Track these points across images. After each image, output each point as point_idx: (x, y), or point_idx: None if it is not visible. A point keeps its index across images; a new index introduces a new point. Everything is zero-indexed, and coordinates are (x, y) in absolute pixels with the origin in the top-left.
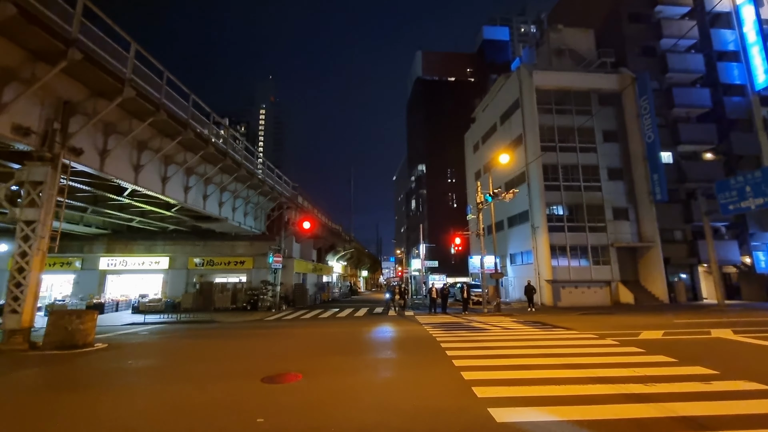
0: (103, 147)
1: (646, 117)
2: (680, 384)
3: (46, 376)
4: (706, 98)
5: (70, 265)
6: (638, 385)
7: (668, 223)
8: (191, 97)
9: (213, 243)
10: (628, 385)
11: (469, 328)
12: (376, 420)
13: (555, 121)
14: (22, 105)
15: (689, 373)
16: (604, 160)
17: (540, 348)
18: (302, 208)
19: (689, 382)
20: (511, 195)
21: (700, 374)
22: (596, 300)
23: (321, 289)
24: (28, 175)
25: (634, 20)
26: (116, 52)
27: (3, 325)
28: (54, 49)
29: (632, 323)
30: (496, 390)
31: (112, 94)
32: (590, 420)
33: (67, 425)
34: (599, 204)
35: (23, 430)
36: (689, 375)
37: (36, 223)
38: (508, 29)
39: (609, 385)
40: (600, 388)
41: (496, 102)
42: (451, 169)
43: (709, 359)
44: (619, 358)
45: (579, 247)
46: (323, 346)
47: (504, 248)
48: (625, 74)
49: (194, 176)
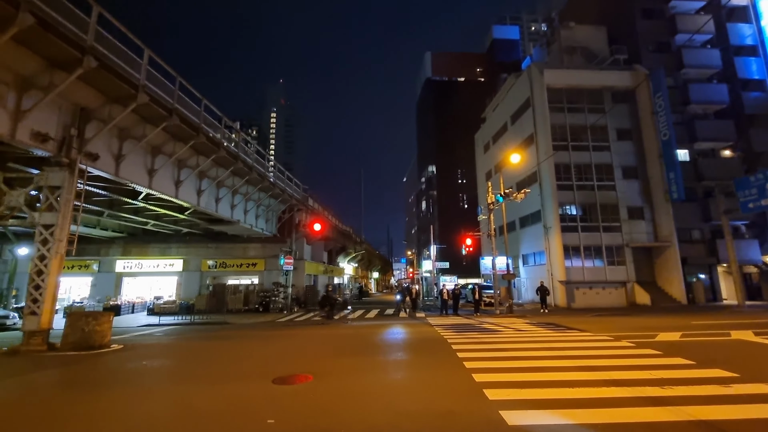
0: (118, 152)
1: (661, 114)
2: (698, 387)
3: (65, 376)
4: (724, 94)
5: (88, 267)
6: (654, 388)
7: (685, 222)
8: (203, 102)
9: (225, 245)
10: (644, 388)
11: (481, 329)
12: (386, 422)
13: (567, 119)
14: (40, 112)
15: (708, 375)
16: (618, 158)
17: (553, 350)
18: (313, 210)
19: (708, 385)
20: (522, 195)
21: (719, 377)
22: (611, 301)
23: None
24: (47, 180)
25: (648, 16)
26: (129, 58)
27: (23, 327)
28: (70, 57)
29: (648, 325)
30: (508, 392)
31: (127, 100)
32: (605, 423)
33: (85, 424)
34: (613, 203)
35: (44, 428)
36: (708, 378)
37: (54, 226)
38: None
39: (624, 388)
40: (615, 391)
41: (507, 101)
42: (462, 169)
43: (728, 362)
44: (634, 361)
45: (593, 247)
46: (334, 348)
47: (516, 249)
48: (639, 71)
49: (207, 179)
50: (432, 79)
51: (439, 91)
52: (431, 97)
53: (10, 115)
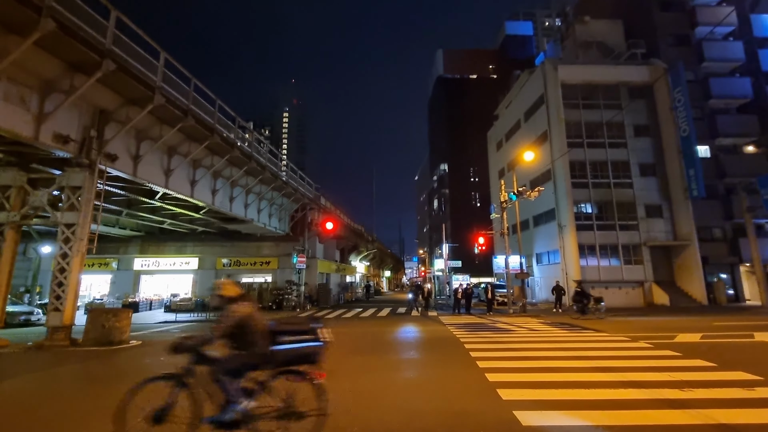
0: (135, 152)
1: (680, 109)
2: (719, 390)
3: (88, 371)
4: (747, 87)
5: (107, 265)
6: (674, 390)
7: (706, 220)
8: (217, 103)
9: (239, 244)
10: (663, 390)
11: (494, 329)
12: (398, 420)
13: (582, 116)
14: (61, 114)
15: (730, 378)
16: (635, 155)
17: (568, 350)
18: (325, 208)
19: (729, 388)
20: (536, 193)
21: (741, 380)
22: (628, 301)
23: (344, 289)
24: (68, 181)
25: (666, 8)
26: (146, 60)
27: (47, 323)
28: (90, 61)
29: (667, 325)
30: (522, 393)
31: (144, 102)
32: (621, 426)
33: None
34: (630, 201)
35: (71, 420)
36: (729, 380)
37: (75, 225)
38: (532, 24)
39: (642, 390)
40: (632, 392)
41: (520, 98)
42: (474, 167)
43: (751, 364)
44: (652, 362)
45: (609, 246)
46: (346, 346)
47: (529, 248)
48: (657, 65)
49: (221, 179)
50: (444, 76)
51: (451, 89)
52: (443, 94)
53: (33, 117)
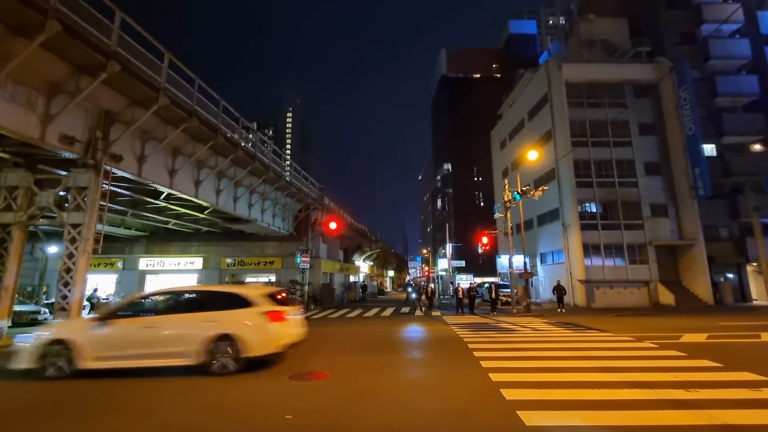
0: (140, 153)
1: (686, 108)
2: (726, 390)
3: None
4: (754, 85)
5: (113, 265)
6: (679, 391)
7: (712, 219)
8: (221, 103)
9: (243, 244)
10: (668, 391)
11: (497, 328)
12: (401, 420)
13: (586, 115)
14: (67, 116)
15: (736, 379)
16: (640, 154)
17: (572, 350)
18: (328, 208)
19: (736, 388)
20: (540, 193)
21: (747, 380)
22: (633, 301)
23: (348, 289)
24: (74, 181)
25: (672, 6)
26: (150, 61)
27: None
28: (95, 62)
29: (672, 325)
30: (526, 392)
31: (148, 103)
32: (626, 426)
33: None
34: (635, 200)
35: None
36: (736, 381)
37: (81, 226)
38: (536, 22)
39: (647, 390)
40: (637, 393)
41: (524, 97)
42: (478, 167)
43: (758, 365)
44: (658, 362)
45: (614, 245)
46: (350, 345)
47: (534, 247)
48: (663, 63)
49: (225, 179)
50: (447, 76)
51: (455, 88)
52: (446, 94)
53: (39, 118)
